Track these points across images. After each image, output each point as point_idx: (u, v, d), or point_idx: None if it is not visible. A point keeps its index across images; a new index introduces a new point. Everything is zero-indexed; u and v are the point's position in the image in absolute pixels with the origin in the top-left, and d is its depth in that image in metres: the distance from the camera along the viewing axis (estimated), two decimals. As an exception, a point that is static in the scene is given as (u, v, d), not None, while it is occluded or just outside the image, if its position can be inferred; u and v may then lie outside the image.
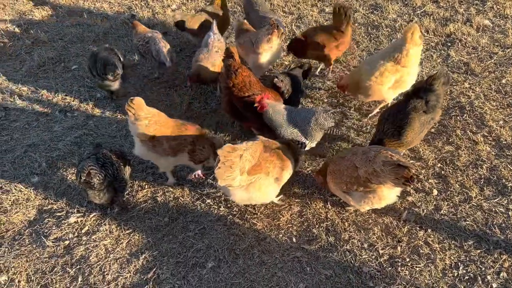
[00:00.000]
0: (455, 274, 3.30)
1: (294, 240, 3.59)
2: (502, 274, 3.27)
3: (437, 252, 3.44)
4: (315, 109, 3.95)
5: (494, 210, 3.70)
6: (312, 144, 4.01)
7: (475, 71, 5.11)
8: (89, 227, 3.79)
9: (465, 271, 3.31)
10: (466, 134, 4.37)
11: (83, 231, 3.75)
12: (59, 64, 5.80)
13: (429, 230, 3.59)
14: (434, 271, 3.31)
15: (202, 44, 4.99)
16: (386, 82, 4.22)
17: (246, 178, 3.33)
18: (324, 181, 3.70)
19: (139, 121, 3.68)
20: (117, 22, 6.51)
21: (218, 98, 5.05)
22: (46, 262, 3.54)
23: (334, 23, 4.81)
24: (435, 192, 3.87)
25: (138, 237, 3.69)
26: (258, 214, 3.80)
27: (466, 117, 4.55)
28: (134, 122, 3.69)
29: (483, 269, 3.31)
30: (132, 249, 3.61)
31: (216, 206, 3.89)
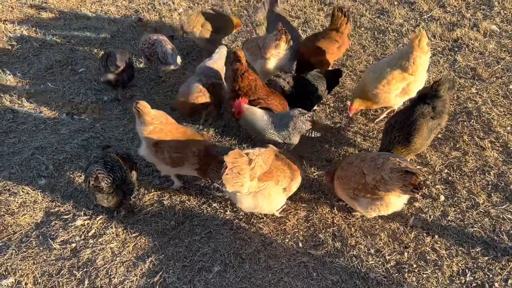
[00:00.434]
0: (463, 281, 3.28)
1: (300, 245, 3.58)
2: (510, 281, 3.25)
3: (444, 258, 3.42)
4: (293, 112, 3.95)
5: (501, 216, 3.68)
6: (290, 148, 4.02)
7: (482, 77, 5.10)
8: (95, 230, 3.80)
9: (472, 278, 3.29)
10: (473, 140, 4.35)
11: (90, 234, 3.77)
12: (67, 67, 5.84)
13: (436, 236, 3.57)
14: (441, 278, 3.29)
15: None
16: (393, 90, 4.21)
17: (256, 184, 3.33)
18: (331, 184, 3.70)
19: (144, 125, 3.70)
20: (124, 25, 6.55)
21: (225, 102, 5.06)
22: (53, 264, 3.55)
23: (334, 25, 4.89)
24: (442, 198, 3.86)
25: (145, 240, 3.69)
26: (265, 218, 3.80)
27: (473, 122, 4.54)
28: (139, 124, 3.72)
29: (491, 276, 3.29)
30: (138, 252, 3.61)
31: (222, 210, 3.89)
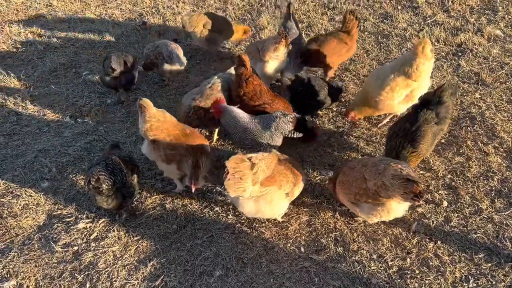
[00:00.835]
0: (465, 288, 3.26)
1: (302, 250, 3.57)
2: (513, 288, 3.23)
3: (447, 264, 3.40)
4: (275, 114, 3.95)
5: (505, 222, 3.66)
6: (272, 149, 3.98)
7: (486, 82, 5.08)
8: (97, 233, 3.80)
9: (475, 285, 3.26)
10: (476, 145, 4.33)
11: (92, 237, 3.77)
12: (71, 69, 5.87)
13: (439, 242, 3.55)
14: (444, 284, 3.27)
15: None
16: (397, 97, 4.20)
17: (258, 189, 3.33)
18: (333, 189, 3.69)
19: (144, 122, 3.74)
20: (128, 28, 6.57)
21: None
22: (55, 267, 3.56)
23: (345, 28, 4.95)
24: (445, 203, 3.84)
25: (146, 244, 3.69)
26: (267, 223, 3.79)
27: (476, 127, 4.52)
28: (140, 121, 3.77)
29: (494, 283, 3.26)
30: (140, 256, 3.61)
31: (224, 214, 3.89)
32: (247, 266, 3.48)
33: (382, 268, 3.40)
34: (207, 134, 4.73)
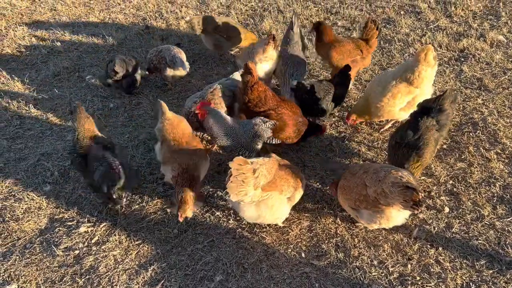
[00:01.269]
0: (467, 294, 3.25)
1: (303, 255, 3.57)
2: (515, 295, 3.22)
3: (448, 271, 3.39)
4: (255, 120, 4.01)
5: (507, 229, 3.64)
6: (252, 154, 4.04)
7: (489, 87, 5.07)
8: (99, 237, 3.81)
9: (476, 292, 3.26)
10: (478, 151, 4.32)
11: (93, 241, 3.78)
12: (74, 73, 5.89)
13: (440, 248, 3.54)
14: (445, 291, 3.26)
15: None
16: (398, 104, 4.19)
17: (260, 194, 3.33)
18: (335, 194, 3.69)
19: (159, 122, 3.99)
20: (131, 33, 6.60)
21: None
22: (56, 271, 3.57)
23: (365, 36, 4.93)
24: (447, 209, 3.83)
25: (147, 248, 3.70)
26: (267, 228, 3.79)
27: (479, 133, 4.51)
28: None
29: (495, 290, 3.26)
30: (141, 260, 3.62)
31: (225, 219, 3.89)
32: (248, 271, 3.47)
33: (383, 274, 3.40)
34: (209, 138, 4.73)
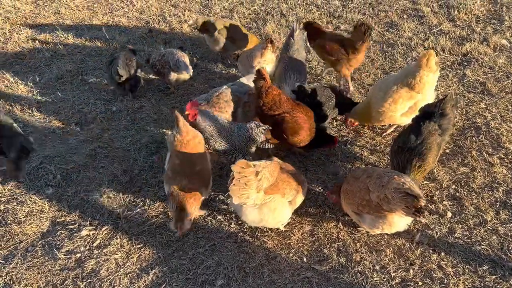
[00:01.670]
0: (469, 300, 3.23)
1: (304, 260, 3.56)
2: (518, 301, 3.19)
3: (450, 276, 3.37)
4: (249, 124, 4.02)
5: (510, 234, 3.62)
6: (246, 157, 4.04)
7: (492, 91, 5.05)
8: (100, 241, 3.81)
9: (479, 297, 3.24)
10: (481, 156, 4.30)
11: (95, 245, 3.78)
12: (77, 76, 5.91)
13: (442, 254, 3.52)
14: (448, 297, 3.24)
15: None
16: (399, 109, 4.18)
17: (262, 197, 3.32)
18: (338, 200, 3.68)
19: (171, 134, 3.86)
20: (134, 36, 6.62)
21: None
22: (57, 274, 3.57)
23: (352, 38, 4.85)
24: (449, 214, 3.81)
25: (149, 252, 3.70)
26: (269, 232, 3.78)
27: (482, 138, 4.49)
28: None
29: (498, 295, 3.24)
30: (142, 264, 3.61)
31: (227, 223, 3.89)
32: (249, 275, 3.47)
33: (385, 279, 3.38)
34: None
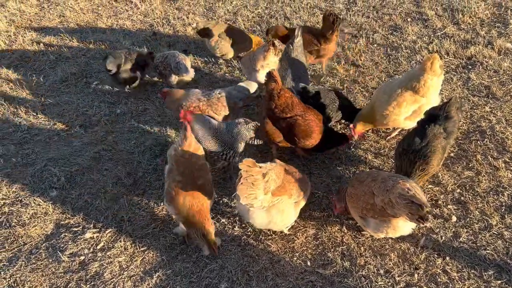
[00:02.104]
0: (474, 305, 3.21)
1: (308, 263, 3.55)
2: (523, 307, 3.17)
3: (455, 281, 3.35)
4: (237, 121, 4.12)
5: (515, 239, 3.60)
6: (236, 154, 4.15)
7: (497, 95, 5.03)
8: (104, 243, 3.81)
9: (484, 302, 3.22)
10: (486, 160, 4.28)
11: (99, 247, 3.78)
12: (81, 79, 5.93)
13: (447, 258, 3.50)
14: (453, 301, 3.23)
15: None
16: (403, 113, 4.16)
17: (270, 199, 3.32)
18: (343, 211, 3.67)
19: (173, 147, 3.76)
20: (139, 39, 6.64)
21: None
22: (61, 277, 3.57)
23: (322, 28, 5.13)
24: (454, 218, 3.79)
25: (153, 255, 3.69)
26: (273, 235, 3.77)
27: (486, 141, 4.47)
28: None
29: (504, 301, 3.22)
30: (146, 267, 3.61)
31: (230, 226, 3.88)
32: (253, 279, 3.46)
33: (389, 283, 3.37)
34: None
